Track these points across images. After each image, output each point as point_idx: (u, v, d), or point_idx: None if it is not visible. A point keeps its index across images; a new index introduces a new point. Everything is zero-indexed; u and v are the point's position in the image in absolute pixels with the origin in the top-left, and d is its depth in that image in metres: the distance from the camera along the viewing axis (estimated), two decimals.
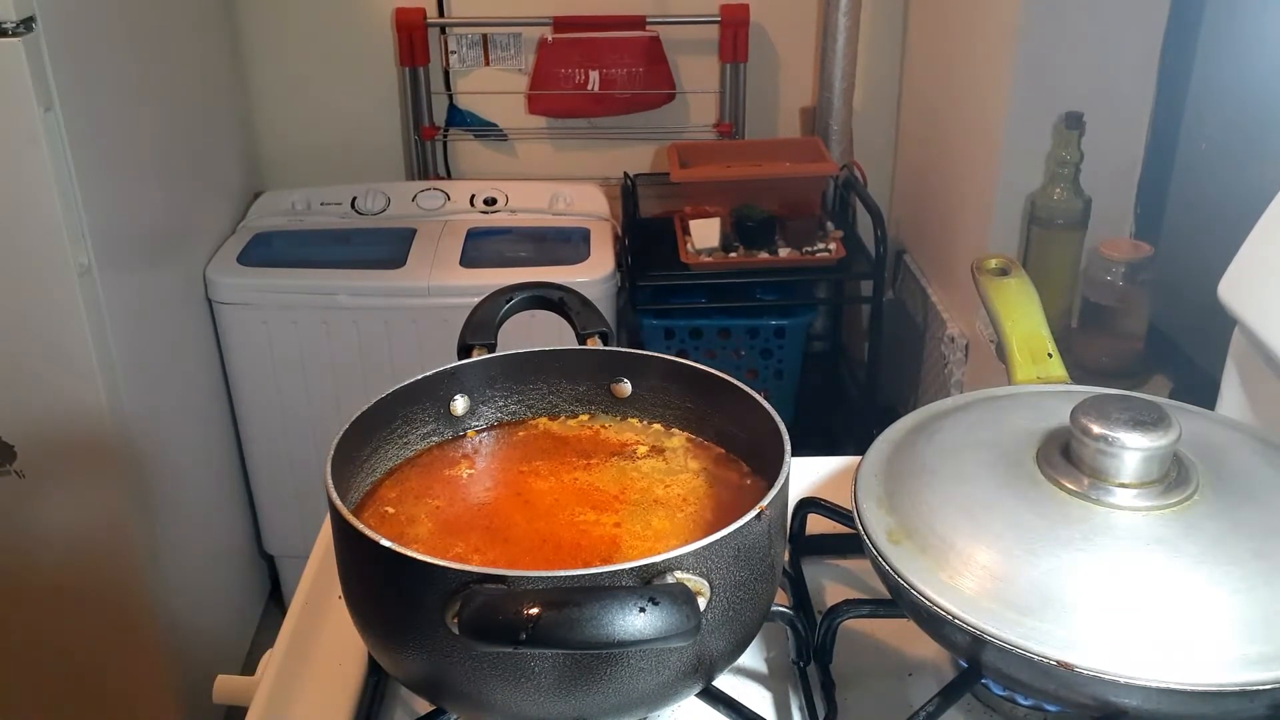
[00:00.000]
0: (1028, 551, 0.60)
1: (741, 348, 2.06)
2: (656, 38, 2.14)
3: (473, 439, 0.75)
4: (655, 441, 0.74)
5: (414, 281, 1.84)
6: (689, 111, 2.24)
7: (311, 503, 1.98)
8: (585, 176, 2.23)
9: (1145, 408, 0.63)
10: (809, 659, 0.70)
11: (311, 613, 0.77)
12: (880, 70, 2.21)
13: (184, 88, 1.84)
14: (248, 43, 2.16)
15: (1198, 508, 0.61)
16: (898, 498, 0.66)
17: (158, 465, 1.64)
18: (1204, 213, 1.56)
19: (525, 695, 0.55)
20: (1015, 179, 1.65)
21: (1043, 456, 0.66)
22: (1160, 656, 0.55)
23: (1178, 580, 0.58)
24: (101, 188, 1.47)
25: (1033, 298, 0.82)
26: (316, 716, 0.69)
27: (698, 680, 0.60)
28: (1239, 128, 1.49)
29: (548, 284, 0.82)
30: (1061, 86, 1.59)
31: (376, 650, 0.62)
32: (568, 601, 0.49)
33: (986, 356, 1.70)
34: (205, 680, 0.80)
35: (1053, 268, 1.61)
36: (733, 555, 0.56)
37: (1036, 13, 1.57)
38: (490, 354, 0.75)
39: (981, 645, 0.58)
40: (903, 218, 2.24)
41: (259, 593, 2.14)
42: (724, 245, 1.96)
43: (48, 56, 1.35)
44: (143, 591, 1.62)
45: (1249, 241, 0.83)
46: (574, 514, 0.67)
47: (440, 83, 2.21)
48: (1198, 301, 1.05)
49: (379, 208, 2.04)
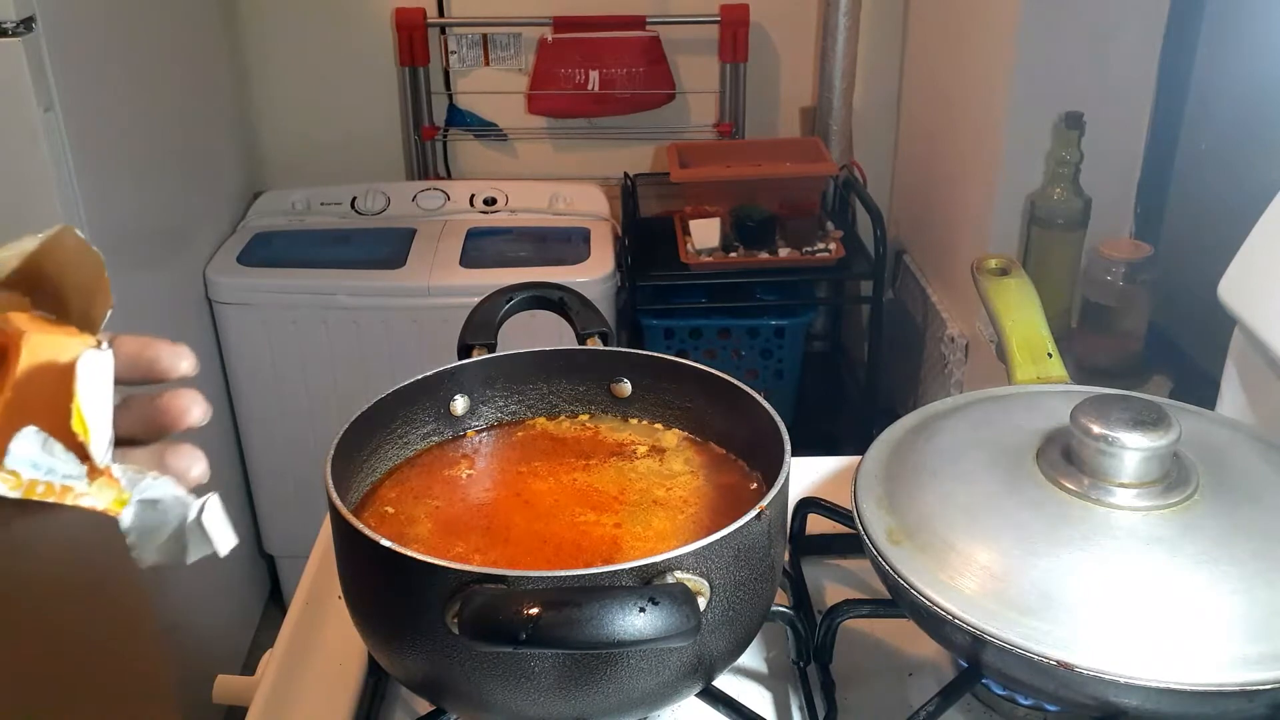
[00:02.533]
0: (1028, 551, 0.60)
1: (741, 348, 2.06)
2: (656, 38, 2.14)
3: (473, 439, 0.75)
4: (655, 442, 0.74)
5: (414, 281, 1.84)
6: (689, 111, 2.24)
7: (311, 503, 1.97)
8: (585, 176, 2.23)
9: (1145, 408, 0.63)
10: (809, 659, 0.70)
11: (311, 613, 0.77)
12: (880, 70, 2.21)
13: (184, 88, 1.84)
14: (248, 43, 2.16)
15: (1198, 508, 0.61)
16: (898, 498, 0.66)
17: None
18: (1204, 213, 1.56)
19: (525, 695, 0.55)
20: (1015, 179, 1.65)
21: (1043, 456, 0.66)
22: (1160, 656, 0.55)
23: (1178, 580, 0.58)
24: (101, 188, 1.47)
25: (1033, 298, 0.82)
26: (316, 716, 0.69)
27: (698, 680, 0.60)
28: (1239, 128, 1.49)
29: (548, 284, 0.82)
30: (1061, 86, 1.59)
31: (376, 650, 0.62)
32: (568, 601, 0.49)
33: (986, 356, 1.70)
34: (205, 680, 0.80)
35: (1053, 268, 1.61)
36: (733, 555, 0.56)
37: (1036, 13, 1.57)
38: (490, 354, 0.75)
39: (981, 645, 0.58)
40: (903, 218, 2.24)
41: (259, 593, 2.14)
42: (724, 245, 1.96)
43: (48, 56, 1.35)
44: (143, 591, 1.62)
45: (1249, 241, 0.83)
46: (574, 514, 0.67)
47: (440, 83, 2.21)
48: (1198, 301, 1.05)
49: (379, 208, 2.05)
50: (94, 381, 0.40)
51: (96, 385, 0.41)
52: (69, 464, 0.40)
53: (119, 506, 0.41)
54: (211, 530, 0.43)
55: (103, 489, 0.41)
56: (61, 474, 0.40)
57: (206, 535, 0.44)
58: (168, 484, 0.42)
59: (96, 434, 0.40)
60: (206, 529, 0.43)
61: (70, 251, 0.44)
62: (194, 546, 0.44)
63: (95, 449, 0.40)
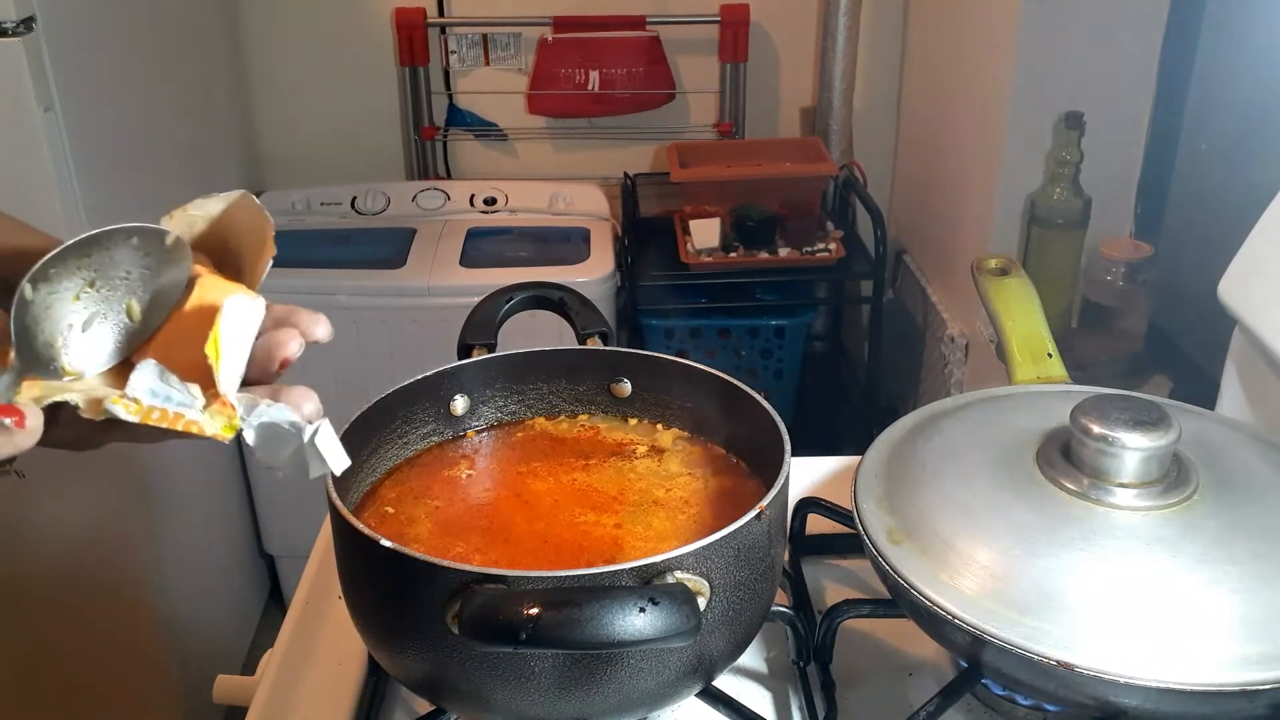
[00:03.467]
0: (1028, 551, 0.60)
1: (741, 348, 2.06)
2: (656, 38, 2.14)
3: (472, 439, 0.75)
4: (655, 442, 0.74)
5: (414, 281, 1.84)
6: (689, 111, 2.24)
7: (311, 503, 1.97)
8: (585, 176, 2.23)
9: (1145, 408, 0.63)
10: (809, 659, 0.70)
11: (311, 613, 0.77)
12: (880, 70, 2.21)
13: (184, 87, 1.84)
14: (248, 43, 2.16)
15: (1198, 508, 0.61)
16: (898, 498, 0.66)
17: (158, 465, 1.64)
18: (1204, 213, 1.56)
19: (525, 695, 0.55)
20: (1015, 179, 1.65)
21: (1043, 456, 0.66)
22: (1160, 656, 0.55)
23: (1178, 580, 0.58)
24: (101, 188, 1.47)
25: (1033, 298, 0.82)
26: (316, 716, 0.69)
27: (698, 680, 0.60)
28: (1239, 127, 1.49)
29: (548, 284, 0.82)
30: (1061, 86, 1.59)
31: (376, 650, 0.62)
32: (568, 601, 0.49)
33: (986, 356, 1.70)
34: (205, 680, 0.80)
35: (1053, 268, 1.61)
36: (733, 555, 0.56)
37: (1036, 13, 1.57)
38: (490, 354, 0.75)
39: (981, 645, 0.58)
40: (903, 218, 2.24)
41: (259, 593, 2.14)
42: (724, 245, 1.96)
43: (48, 56, 1.34)
44: (143, 591, 1.62)
45: (1249, 241, 0.83)
46: (574, 515, 0.67)
47: (440, 83, 2.21)
48: (1198, 301, 1.05)
49: (379, 208, 2.05)
50: (238, 320, 0.47)
51: (239, 325, 0.47)
52: (182, 393, 0.45)
53: (228, 432, 0.46)
54: (325, 452, 0.49)
55: (215, 416, 0.46)
56: (176, 401, 0.45)
57: (321, 456, 0.49)
58: (283, 410, 0.48)
59: (227, 362, 0.46)
60: (320, 451, 0.48)
61: (245, 214, 0.50)
62: (313, 465, 0.49)
63: (222, 376, 0.46)
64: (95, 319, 0.46)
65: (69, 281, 0.45)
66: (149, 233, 0.47)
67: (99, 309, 0.46)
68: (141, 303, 0.48)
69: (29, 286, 0.44)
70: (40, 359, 0.45)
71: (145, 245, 0.47)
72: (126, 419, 0.44)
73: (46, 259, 0.44)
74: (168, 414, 0.45)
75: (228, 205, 0.50)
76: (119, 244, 0.46)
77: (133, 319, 0.47)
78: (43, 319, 0.45)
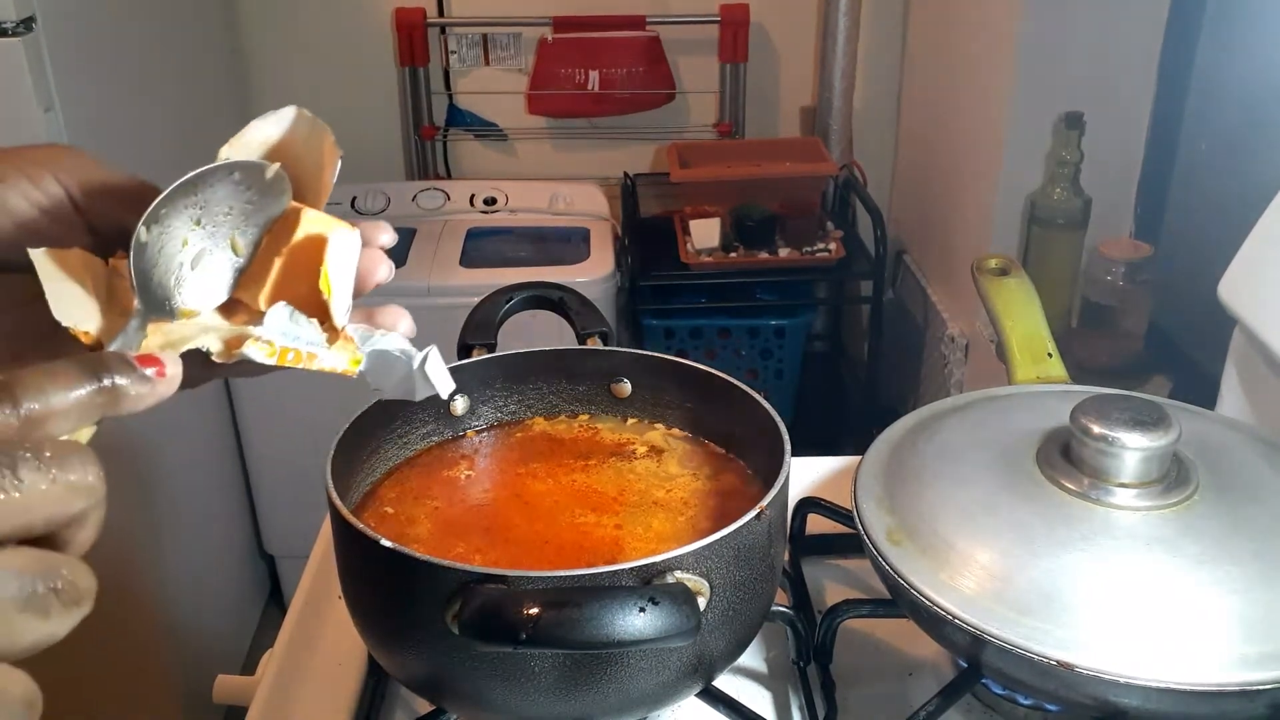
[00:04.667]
0: (1028, 551, 0.60)
1: (741, 348, 2.06)
2: (656, 38, 2.14)
3: (472, 439, 0.75)
4: (654, 442, 0.74)
5: (414, 281, 1.84)
6: (689, 111, 2.25)
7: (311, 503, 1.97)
8: (585, 176, 2.23)
9: (1145, 408, 0.63)
10: (809, 659, 0.70)
11: (311, 613, 0.77)
12: (880, 70, 2.21)
13: (184, 87, 1.84)
14: (248, 42, 2.16)
15: (1198, 508, 0.61)
16: (898, 498, 0.66)
17: (158, 466, 1.64)
18: (1204, 213, 1.56)
19: (525, 695, 0.55)
20: (1015, 179, 1.65)
21: (1043, 456, 0.66)
22: (1160, 656, 0.55)
23: (1178, 580, 0.58)
24: None
25: (1033, 298, 0.82)
26: (316, 716, 0.69)
27: (698, 680, 0.60)
28: (1239, 127, 1.49)
29: (548, 284, 0.82)
30: (1061, 86, 1.59)
31: (376, 650, 0.62)
32: (568, 601, 0.49)
33: (986, 356, 1.70)
34: (205, 680, 0.80)
35: (1053, 268, 1.61)
36: (733, 555, 0.56)
37: (1036, 13, 1.57)
38: (490, 354, 0.75)
39: (981, 645, 0.58)
40: (903, 218, 2.24)
41: (259, 593, 2.14)
42: (724, 245, 1.96)
43: (48, 56, 1.34)
44: (143, 591, 1.62)
45: (1249, 241, 0.83)
46: (574, 515, 0.67)
47: (440, 83, 2.21)
48: (1198, 301, 1.05)
49: (379, 207, 2.05)
50: (342, 254, 0.48)
51: (343, 257, 0.48)
52: (312, 331, 0.46)
53: (354, 366, 0.47)
54: (433, 376, 0.50)
55: (339, 351, 0.47)
56: (306, 340, 0.46)
57: (429, 380, 0.50)
58: (395, 338, 0.50)
59: (338, 295, 0.47)
60: (429, 375, 0.50)
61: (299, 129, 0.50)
62: (420, 389, 0.51)
63: (336, 308, 0.47)
64: (203, 256, 0.47)
65: (177, 221, 0.46)
66: (250, 167, 0.48)
67: (206, 245, 0.47)
68: (245, 237, 0.49)
69: (144, 229, 0.44)
70: (155, 300, 0.45)
71: (247, 179, 0.48)
72: (264, 362, 0.45)
73: (158, 200, 0.44)
74: (301, 354, 0.46)
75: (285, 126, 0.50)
76: (221, 180, 0.47)
77: (237, 254, 0.48)
78: (157, 260, 0.45)
